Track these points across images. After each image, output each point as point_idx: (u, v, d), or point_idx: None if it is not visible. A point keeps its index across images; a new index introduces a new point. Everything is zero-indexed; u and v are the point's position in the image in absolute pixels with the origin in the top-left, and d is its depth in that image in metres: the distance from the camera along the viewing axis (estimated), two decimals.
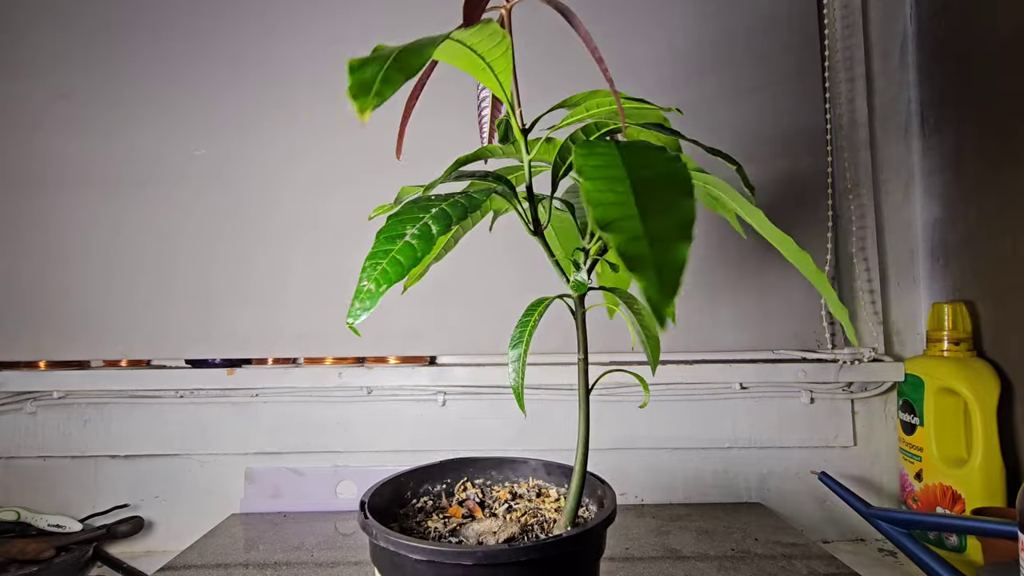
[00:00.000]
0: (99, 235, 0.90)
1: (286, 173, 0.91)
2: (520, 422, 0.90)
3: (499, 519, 0.49)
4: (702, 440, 0.90)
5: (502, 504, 0.52)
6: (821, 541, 0.88)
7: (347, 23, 0.93)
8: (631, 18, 0.92)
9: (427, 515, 0.51)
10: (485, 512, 0.51)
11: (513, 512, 0.50)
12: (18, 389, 0.88)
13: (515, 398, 0.46)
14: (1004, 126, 0.78)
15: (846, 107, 0.93)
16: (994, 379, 0.77)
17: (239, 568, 0.70)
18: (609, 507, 0.46)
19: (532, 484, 0.56)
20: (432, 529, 0.48)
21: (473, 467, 0.57)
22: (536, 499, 0.53)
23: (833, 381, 0.89)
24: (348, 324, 0.33)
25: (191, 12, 0.92)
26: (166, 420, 0.90)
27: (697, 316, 0.90)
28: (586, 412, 0.46)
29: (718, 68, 0.91)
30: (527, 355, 0.46)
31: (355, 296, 0.33)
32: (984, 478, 0.76)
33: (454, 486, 0.55)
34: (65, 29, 0.92)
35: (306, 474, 0.89)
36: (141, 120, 0.91)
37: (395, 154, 0.43)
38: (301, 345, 0.90)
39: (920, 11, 0.93)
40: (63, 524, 0.85)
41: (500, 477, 0.57)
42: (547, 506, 0.52)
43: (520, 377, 0.46)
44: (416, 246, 0.34)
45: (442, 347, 0.91)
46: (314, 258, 0.91)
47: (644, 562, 0.70)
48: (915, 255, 0.93)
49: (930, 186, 0.92)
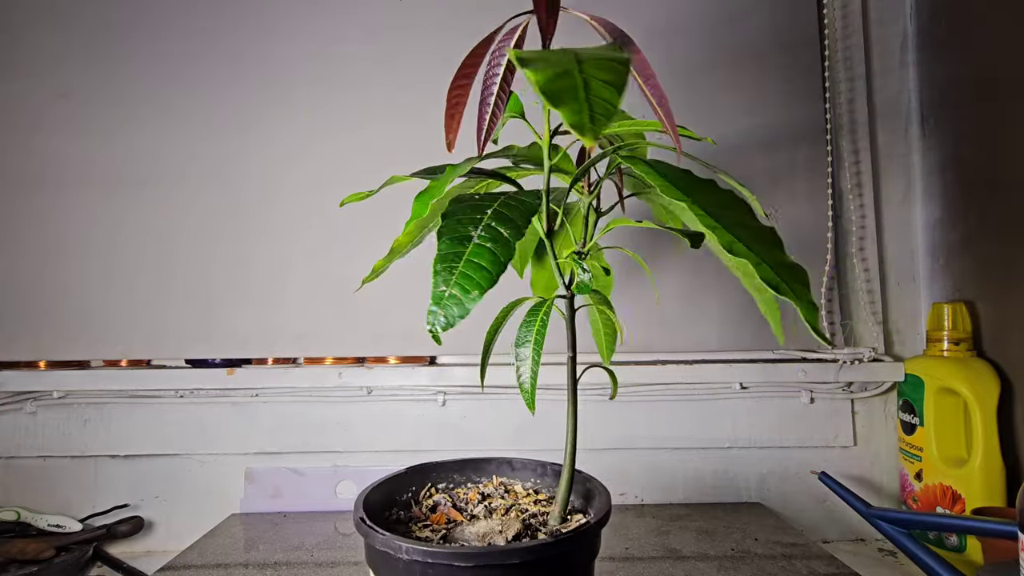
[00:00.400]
0: (99, 235, 0.90)
1: (286, 173, 0.91)
2: (520, 422, 0.90)
3: (497, 519, 0.49)
4: (702, 440, 0.90)
5: (475, 505, 0.52)
6: (821, 541, 0.88)
7: (347, 23, 0.93)
8: (632, 20, 0.92)
9: (405, 524, 0.50)
10: (465, 515, 0.50)
11: (513, 511, 0.50)
12: (18, 389, 0.88)
13: (524, 397, 0.46)
14: (1004, 126, 0.78)
15: (846, 107, 0.93)
16: (994, 379, 0.77)
17: (239, 568, 0.70)
18: (603, 507, 0.46)
19: (497, 482, 0.57)
20: (423, 537, 0.47)
21: (436, 471, 0.57)
22: (507, 496, 0.53)
23: (833, 381, 0.89)
24: (430, 331, 0.32)
25: (190, 12, 0.92)
26: (166, 420, 0.90)
27: (697, 316, 0.90)
28: (574, 407, 0.46)
29: (718, 68, 0.91)
30: (539, 355, 0.46)
31: (437, 302, 0.32)
32: (984, 478, 0.76)
33: (419, 493, 0.55)
34: (65, 29, 0.92)
35: (306, 474, 0.89)
36: (141, 120, 0.91)
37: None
38: (301, 345, 0.90)
39: (920, 11, 0.93)
40: (63, 524, 0.85)
41: (462, 479, 0.57)
42: (523, 502, 0.52)
43: (533, 376, 0.46)
44: (496, 251, 0.34)
45: (442, 347, 0.90)
46: (314, 258, 0.91)
47: (644, 562, 0.70)
48: (915, 255, 0.93)
49: (930, 186, 0.92)
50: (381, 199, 0.52)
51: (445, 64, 0.96)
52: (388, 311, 0.90)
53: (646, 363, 0.90)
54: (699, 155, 0.44)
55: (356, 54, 0.92)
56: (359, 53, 0.92)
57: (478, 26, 0.43)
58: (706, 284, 0.90)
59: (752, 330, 0.90)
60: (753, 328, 0.90)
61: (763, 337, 0.90)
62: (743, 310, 0.90)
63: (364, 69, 0.92)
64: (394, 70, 0.92)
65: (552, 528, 0.47)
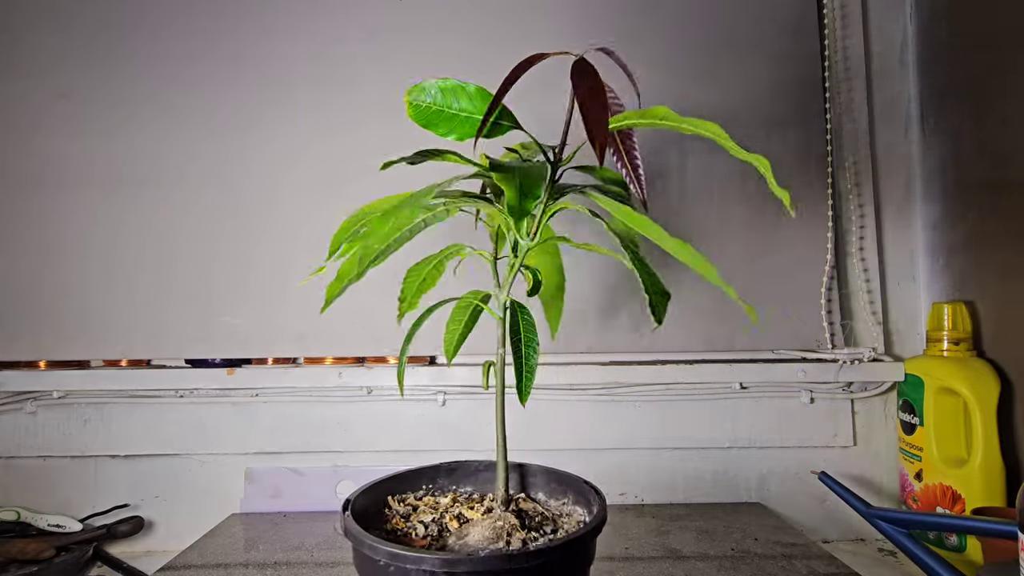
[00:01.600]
0: (99, 235, 0.90)
1: (286, 173, 0.91)
2: (519, 422, 0.90)
3: (491, 523, 0.49)
4: (702, 440, 0.90)
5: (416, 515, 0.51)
6: (821, 541, 0.88)
7: (347, 23, 0.93)
8: (627, 17, 0.92)
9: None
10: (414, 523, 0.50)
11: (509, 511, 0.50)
12: (18, 389, 0.88)
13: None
14: (1004, 126, 0.78)
15: (846, 107, 0.93)
16: (994, 379, 0.77)
17: (239, 568, 0.70)
18: (599, 515, 0.45)
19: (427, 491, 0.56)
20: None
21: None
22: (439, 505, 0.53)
23: (833, 381, 0.89)
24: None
25: (190, 12, 0.92)
26: (166, 420, 0.90)
27: (697, 316, 0.89)
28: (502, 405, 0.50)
29: (717, 68, 0.91)
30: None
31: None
32: (984, 478, 0.76)
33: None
34: (65, 29, 0.92)
35: (306, 474, 0.89)
36: (141, 120, 0.91)
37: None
38: (301, 345, 0.90)
39: (920, 11, 0.93)
40: (63, 524, 0.85)
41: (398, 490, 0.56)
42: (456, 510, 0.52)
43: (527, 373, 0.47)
44: None
45: (442, 347, 0.90)
46: (314, 258, 0.90)
47: (644, 562, 0.70)
48: (915, 255, 0.93)
49: (930, 186, 0.92)
50: (380, 197, 0.52)
51: (445, 64, 0.96)
52: (388, 311, 0.90)
53: (646, 363, 0.89)
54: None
55: (356, 54, 0.92)
56: (359, 53, 0.92)
57: (477, 26, 0.43)
58: (706, 284, 0.89)
59: (752, 330, 0.90)
60: (753, 328, 0.90)
61: (763, 337, 0.90)
62: (743, 310, 0.90)
63: (364, 69, 0.92)
64: (394, 70, 0.92)
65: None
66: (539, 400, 0.90)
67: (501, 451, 0.51)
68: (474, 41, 0.92)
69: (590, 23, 0.92)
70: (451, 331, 0.54)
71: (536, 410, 0.90)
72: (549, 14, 0.92)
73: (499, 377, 0.51)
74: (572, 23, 0.92)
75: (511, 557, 0.40)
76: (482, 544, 0.45)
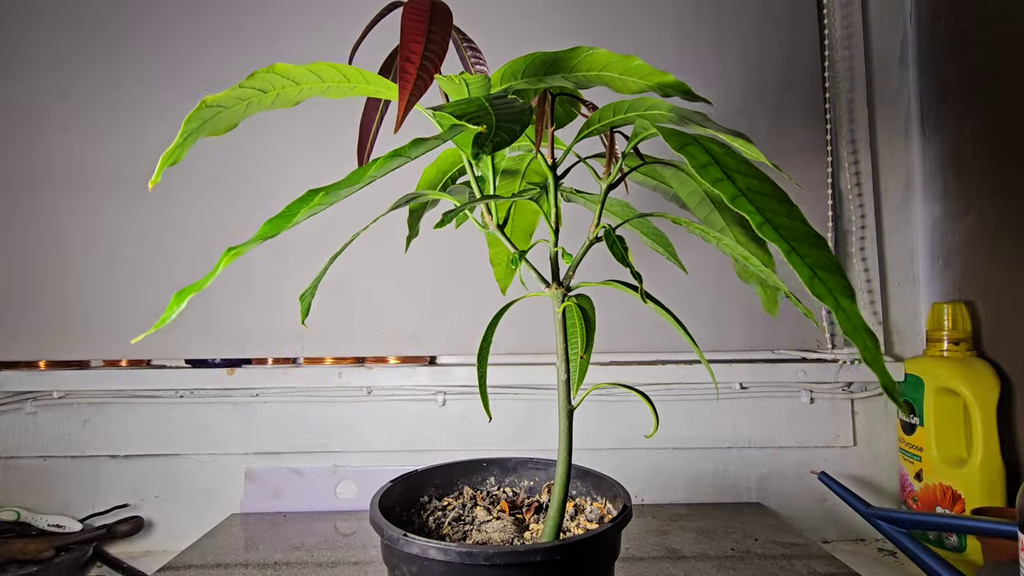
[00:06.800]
0: (99, 235, 0.90)
1: (286, 173, 0.91)
2: (519, 422, 0.90)
3: (505, 520, 0.49)
4: (702, 440, 0.90)
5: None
6: (821, 541, 0.88)
7: (348, 23, 0.93)
8: (626, 17, 0.92)
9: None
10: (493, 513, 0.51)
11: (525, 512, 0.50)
12: (18, 389, 0.88)
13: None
14: (1004, 126, 0.78)
15: (846, 106, 0.93)
16: (994, 379, 0.77)
17: (239, 568, 0.70)
18: (623, 508, 0.46)
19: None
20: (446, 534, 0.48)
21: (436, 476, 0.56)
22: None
23: (833, 381, 0.89)
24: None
25: (191, 12, 0.92)
26: (166, 420, 0.90)
27: (696, 317, 0.89)
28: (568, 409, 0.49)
29: (717, 68, 0.91)
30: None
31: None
32: (984, 478, 0.76)
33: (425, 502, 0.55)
34: (65, 29, 0.92)
35: (306, 474, 0.89)
36: (141, 120, 0.91)
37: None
38: (301, 345, 0.90)
39: (920, 11, 0.93)
40: (63, 524, 0.85)
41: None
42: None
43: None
44: None
45: (442, 347, 0.91)
46: (314, 258, 0.91)
47: (644, 562, 0.70)
48: (915, 255, 0.93)
49: (930, 186, 0.92)
50: (380, 197, 0.52)
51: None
52: (388, 311, 0.90)
53: (646, 363, 0.90)
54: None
55: (358, 53, 0.92)
56: (361, 51, 0.92)
57: (477, 26, 0.43)
58: (705, 285, 0.90)
59: (752, 330, 0.90)
60: (753, 328, 0.90)
61: (763, 337, 0.90)
62: (743, 310, 0.90)
63: (365, 67, 0.92)
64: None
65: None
66: (538, 399, 0.90)
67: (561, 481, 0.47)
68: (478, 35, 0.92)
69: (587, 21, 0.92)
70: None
71: (535, 409, 0.90)
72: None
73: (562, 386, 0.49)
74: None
75: (537, 551, 0.40)
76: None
